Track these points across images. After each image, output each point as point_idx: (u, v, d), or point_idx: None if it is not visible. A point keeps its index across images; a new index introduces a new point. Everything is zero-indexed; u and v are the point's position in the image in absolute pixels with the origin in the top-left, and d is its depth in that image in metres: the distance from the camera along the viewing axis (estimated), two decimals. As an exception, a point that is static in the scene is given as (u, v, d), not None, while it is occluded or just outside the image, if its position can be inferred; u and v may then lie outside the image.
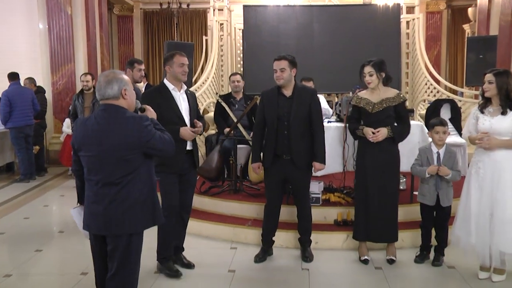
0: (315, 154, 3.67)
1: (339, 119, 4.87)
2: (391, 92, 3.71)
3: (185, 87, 3.59)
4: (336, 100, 7.38)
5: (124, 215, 2.44)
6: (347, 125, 4.36)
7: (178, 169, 3.50)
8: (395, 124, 3.73)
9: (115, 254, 2.49)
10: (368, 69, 3.66)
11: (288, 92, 3.68)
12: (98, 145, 2.41)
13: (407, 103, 3.91)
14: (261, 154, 3.82)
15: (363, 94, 3.82)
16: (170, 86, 3.50)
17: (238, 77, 5.75)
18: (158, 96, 3.41)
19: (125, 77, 2.53)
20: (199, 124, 3.50)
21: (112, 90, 2.45)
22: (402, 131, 3.70)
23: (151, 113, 2.68)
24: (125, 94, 2.49)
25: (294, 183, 3.81)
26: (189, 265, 3.75)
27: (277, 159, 3.71)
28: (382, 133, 3.61)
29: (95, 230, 2.52)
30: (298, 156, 3.65)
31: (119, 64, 11.85)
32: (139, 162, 2.46)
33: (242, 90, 5.84)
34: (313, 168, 3.76)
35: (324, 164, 3.70)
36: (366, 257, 3.84)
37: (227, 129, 5.33)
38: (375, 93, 3.70)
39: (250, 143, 5.13)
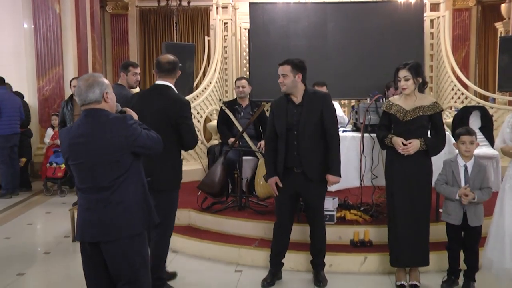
0: (329, 165, 3.70)
1: (356, 128, 4.89)
2: (427, 100, 3.74)
3: None
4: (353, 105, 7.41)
5: (120, 219, 2.57)
6: (364, 134, 4.40)
7: None
8: (429, 135, 3.76)
9: (116, 260, 2.60)
10: (403, 73, 3.68)
11: (297, 99, 3.73)
12: (85, 151, 2.57)
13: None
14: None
15: (395, 99, 3.85)
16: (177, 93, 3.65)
17: (244, 82, 5.80)
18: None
19: (105, 80, 2.70)
20: None
21: (94, 94, 2.61)
22: (437, 143, 3.71)
23: (132, 115, 2.81)
24: (107, 97, 2.66)
25: (306, 198, 3.83)
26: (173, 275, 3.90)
27: (288, 172, 3.75)
28: (414, 145, 3.63)
29: (90, 238, 2.62)
30: (310, 168, 3.68)
31: (112, 67, 11.96)
32: (129, 163, 2.62)
33: (248, 96, 5.89)
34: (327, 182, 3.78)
35: (339, 176, 3.72)
36: (402, 283, 3.81)
37: (231, 139, 5.37)
38: (409, 99, 3.73)
39: (257, 154, 5.17)
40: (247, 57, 7.88)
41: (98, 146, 2.56)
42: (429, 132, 3.81)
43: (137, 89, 6.82)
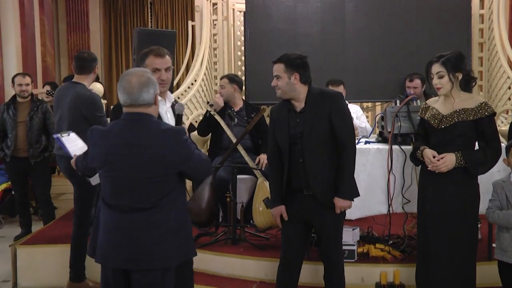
0: (338, 186, 3.73)
1: (382, 138, 4.95)
2: (472, 101, 3.71)
3: (171, 97, 3.71)
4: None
5: (154, 246, 2.79)
6: (393, 147, 4.46)
7: None
8: (476, 147, 3.77)
9: None
10: (436, 68, 3.71)
11: (299, 104, 3.80)
12: (128, 164, 2.79)
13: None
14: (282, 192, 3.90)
15: (432, 102, 3.91)
16: None
17: (223, 81, 5.93)
18: None
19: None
20: None
21: (149, 94, 2.86)
22: (482, 158, 3.69)
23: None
24: (157, 99, 2.93)
25: (319, 228, 3.89)
26: None
27: (296, 196, 3.83)
28: (447, 160, 3.64)
29: (116, 264, 2.83)
30: (320, 190, 3.74)
31: (68, 60, 11.94)
32: (175, 183, 2.90)
33: (243, 98, 5.95)
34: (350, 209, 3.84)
35: (351, 200, 3.77)
36: None
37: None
38: (448, 101, 3.76)
39: (255, 172, 5.22)
40: (242, 48, 7.96)
41: (144, 160, 2.79)
42: (477, 144, 3.82)
43: (100, 88, 6.94)
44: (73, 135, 3.77)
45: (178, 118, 3.35)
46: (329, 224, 3.82)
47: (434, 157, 3.68)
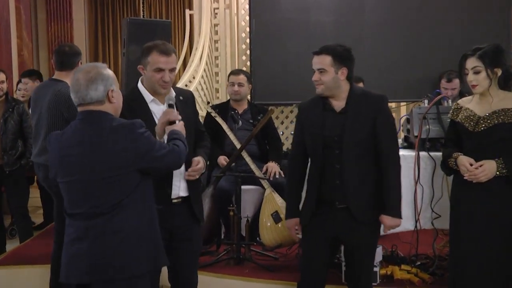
0: (386, 202, 3.71)
1: (408, 143, 4.93)
2: None
3: (172, 92, 3.68)
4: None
5: (115, 253, 2.84)
6: (421, 153, 4.45)
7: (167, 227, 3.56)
8: None
9: None
10: (472, 62, 3.68)
11: (339, 103, 3.76)
12: (80, 166, 2.89)
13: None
14: (300, 203, 3.89)
15: (465, 101, 3.89)
16: (147, 96, 3.65)
17: (242, 78, 5.84)
18: (125, 110, 3.38)
19: (111, 73, 3.00)
20: (199, 165, 3.60)
21: (97, 91, 2.94)
22: None
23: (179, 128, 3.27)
24: (112, 96, 2.99)
25: (351, 248, 3.86)
26: None
27: (325, 208, 3.77)
28: (486, 169, 3.61)
29: (77, 279, 2.87)
30: (358, 204, 3.70)
31: (47, 54, 11.96)
32: (136, 182, 2.95)
33: (248, 99, 5.92)
34: (382, 226, 3.81)
35: (400, 218, 3.74)
36: None
37: (222, 159, 5.40)
38: (484, 101, 3.74)
39: (262, 182, 5.20)
40: (247, 40, 7.97)
41: (97, 161, 2.87)
42: None
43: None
44: None
45: (170, 107, 3.38)
46: (364, 243, 3.79)
47: (471, 165, 3.65)
